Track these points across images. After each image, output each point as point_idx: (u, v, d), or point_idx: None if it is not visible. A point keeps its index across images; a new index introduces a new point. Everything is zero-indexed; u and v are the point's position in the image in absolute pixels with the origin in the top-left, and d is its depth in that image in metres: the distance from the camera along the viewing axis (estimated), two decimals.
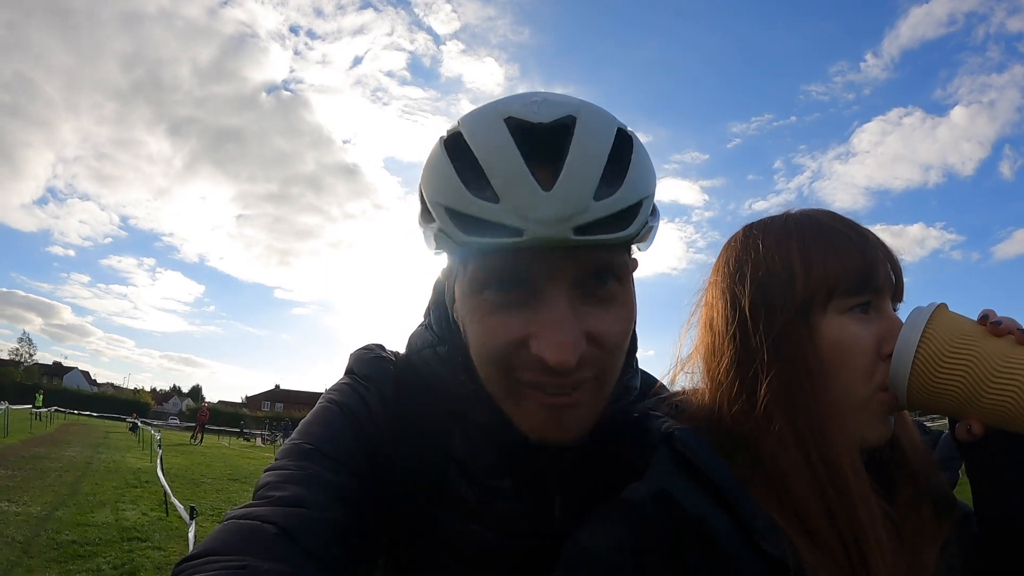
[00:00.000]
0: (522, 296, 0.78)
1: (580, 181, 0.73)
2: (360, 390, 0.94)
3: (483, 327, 0.81)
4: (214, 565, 0.64)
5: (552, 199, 0.72)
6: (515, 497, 0.91)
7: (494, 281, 0.79)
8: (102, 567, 6.52)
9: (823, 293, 0.80)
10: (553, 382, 0.78)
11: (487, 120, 0.78)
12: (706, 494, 0.73)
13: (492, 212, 0.73)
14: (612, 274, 0.80)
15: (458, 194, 0.75)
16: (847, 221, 0.86)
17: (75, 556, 6.78)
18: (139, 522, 8.94)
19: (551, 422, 0.82)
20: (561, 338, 0.75)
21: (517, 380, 0.81)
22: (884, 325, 0.81)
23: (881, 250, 0.83)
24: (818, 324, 0.80)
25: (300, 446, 0.85)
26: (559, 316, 0.76)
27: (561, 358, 0.74)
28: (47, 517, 8.58)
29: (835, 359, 0.79)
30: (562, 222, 0.72)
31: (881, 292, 0.82)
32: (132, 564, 6.70)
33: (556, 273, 0.76)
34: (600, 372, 0.82)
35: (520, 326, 0.78)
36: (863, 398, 0.79)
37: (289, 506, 0.74)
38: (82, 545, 7.26)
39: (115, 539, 7.76)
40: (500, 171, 0.74)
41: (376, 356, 1.00)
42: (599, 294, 0.80)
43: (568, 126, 0.75)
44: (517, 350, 0.79)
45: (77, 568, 6.38)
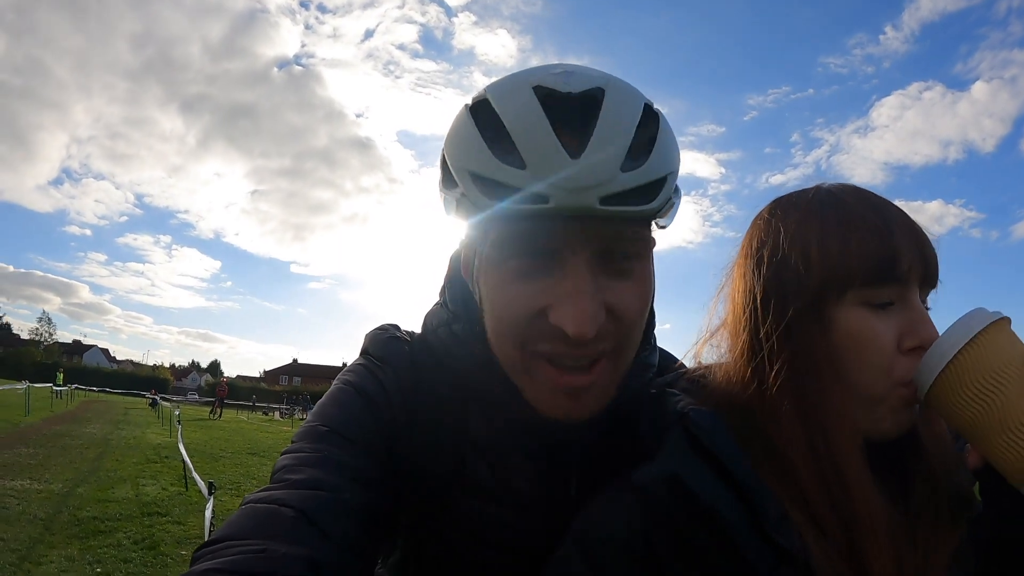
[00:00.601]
0: (543, 265, 0.78)
1: (608, 151, 0.73)
2: (375, 371, 0.94)
3: (502, 296, 0.80)
4: (232, 550, 0.64)
5: (579, 167, 0.71)
6: (531, 477, 0.91)
7: (516, 249, 0.78)
8: (123, 542, 6.60)
9: (839, 283, 0.77)
10: (569, 353, 0.78)
11: (515, 88, 0.77)
12: (718, 479, 0.71)
13: (518, 177, 0.73)
14: (633, 249, 0.80)
15: (484, 159, 0.75)
16: (875, 202, 0.81)
17: (96, 532, 6.87)
18: (159, 497, 9.05)
19: (563, 401, 0.81)
20: (581, 308, 0.74)
21: (532, 353, 0.80)
22: (907, 317, 0.77)
23: (908, 236, 0.78)
24: (833, 315, 0.78)
25: (316, 428, 0.85)
26: (580, 286, 0.75)
27: (580, 329, 0.74)
28: (68, 494, 8.69)
29: (850, 353, 0.77)
30: (588, 191, 0.71)
31: (906, 282, 0.77)
32: (152, 539, 6.79)
33: (578, 243, 0.76)
34: (617, 347, 0.81)
35: (540, 295, 0.77)
36: (880, 393, 0.77)
37: (306, 489, 0.74)
38: (103, 521, 7.36)
39: (135, 514, 7.86)
40: (527, 137, 0.73)
41: (391, 337, 1.00)
42: (619, 268, 0.79)
43: (596, 98, 0.75)
44: (535, 321, 0.78)
45: (98, 544, 6.46)
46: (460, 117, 0.82)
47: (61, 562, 5.75)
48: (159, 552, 6.34)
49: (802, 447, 0.75)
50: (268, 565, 0.63)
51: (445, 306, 0.98)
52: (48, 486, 9.06)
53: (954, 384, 0.71)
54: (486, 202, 0.75)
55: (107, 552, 6.20)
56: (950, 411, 0.73)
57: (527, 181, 0.72)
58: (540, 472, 0.91)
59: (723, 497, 0.70)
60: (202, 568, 0.62)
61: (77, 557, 5.94)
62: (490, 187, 0.75)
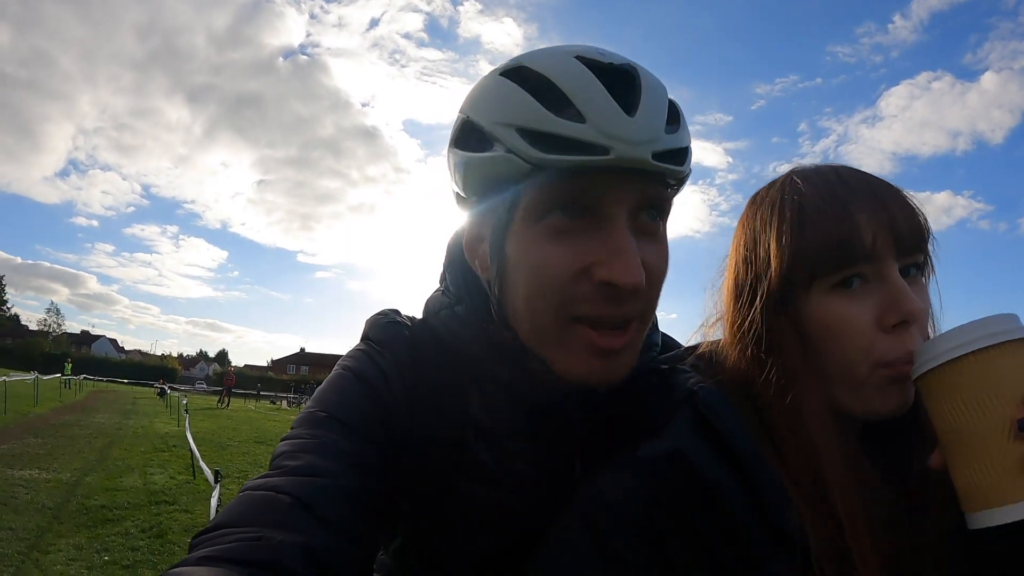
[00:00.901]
0: (582, 226, 0.78)
1: (655, 113, 0.77)
2: (375, 356, 0.93)
3: (542, 256, 0.79)
4: (229, 537, 0.64)
5: (637, 123, 0.74)
6: (533, 460, 0.91)
7: (558, 206, 0.78)
8: (131, 530, 6.66)
9: (802, 275, 0.77)
10: (610, 313, 0.78)
11: (556, 55, 0.80)
12: (723, 459, 0.72)
13: (578, 130, 0.74)
14: (661, 210, 0.82)
15: (535, 113, 0.76)
16: (833, 184, 0.80)
17: (104, 520, 6.94)
18: (167, 486, 9.12)
19: (599, 363, 0.81)
20: (630, 259, 0.75)
21: (568, 318, 0.80)
22: (884, 294, 0.76)
23: (871, 210, 0.77)
24: (803, 307, 0.78)
25: (315, 414, 0.85)
26: (627, 242, 0.76)
27: (633, 279, 0.75)
28: (77, 483, 8.76)
29: (826, 340, 0.77)
30: (644, 145, 0.74)
31: (875, 258, 0.76)
32: (160, 527, 6.85)
33: (622, 200, 0.77)
34: (646, 308, 0.83)
35: (582, 255, 0.78)
36: (863, 375, 0.76)
37: (304, 475, 0.74)
38: (111, 509, 7.43)
39: (143, 503, 7.93)
40: (584, 95, 0.75)
41: (391, 321, 0.99)
42: (648, 228, 0.81)
43: (632, 71, 0.79)
44: (576, 281, 0.78)
45: (106, 532, 6.52)
46: (492, 80, 0.83)
47: (69, 551, 5.80)
48: (167, 540, 6.39)
49: (785, 434, 0.76)
50: (264, 552, 0.62)
51: (446, 291, 0.98)
52: (56, 475, 9.14)
53: (950, 383, 0.67)
54: (539, 156, 0.75)
55: (115, 540, 6.26)
56: (935, 406, 0.69)
57: (588, 134, 0.73)
58: (542, 455, 0.91)
59: (725, 476, 0.70)
60: (198, 555, 0.62)
61: (85, 545, 6.00)
62: (544, 141, 0.75)
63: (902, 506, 0.77)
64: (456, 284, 0.96)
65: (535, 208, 0.79)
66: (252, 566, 0.60)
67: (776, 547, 0.69)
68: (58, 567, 5.35)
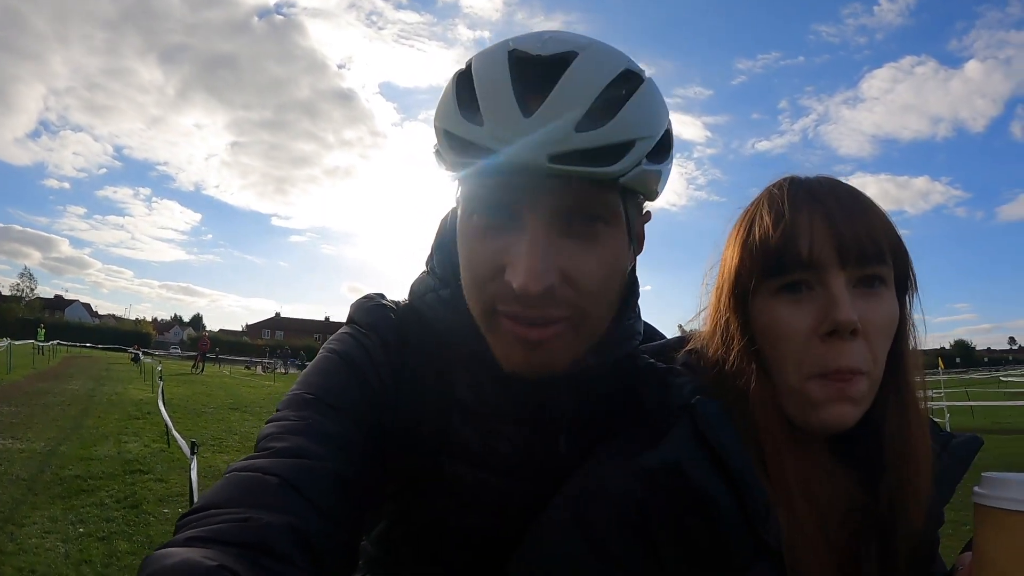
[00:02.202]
0: (504, 223, 0.79)
1: (562, 111, 0.73)
2: (361, 339, 0.93)
3: (469, 252, 0.83)
4: (216, 518, 0.65)
5: (530, 125, 0.73)
6: (518, 441, 0.92)
7: (479, 205, 0.81)
8: (105, 501, 6.67)
9: (744, 279, 0.80)
10: (523, 314, 0.79)
11: (493, 52, 0.80)
12: (717, 471, 0.73)
13: (476, 134, 0.76)
14: (597, 213, 0.79)
15: (453, 117, 0.79)
16: (784, 192, 0.81)
17: (79, 491, 6.93)
18: (141, 454, 9.10)
19: (523, 355, 0.82)
20: (529, 265, 0.75)
21: (493, 309, 0.82)
22: (822, 303, 0.76)
23: (815, 218, 0.77)
24: (752, 309, 0.80)
25: (301, 396, 0.85)
26: (532, 244, 0.76)
27: (526, 284, 0.74)
28: (51, 453, 8.74)
29: (768, 345, 0.79)
30: (537, 148, 0.73)
31: (815, 266, 0.76)
32: (135, 497, 6.85)
33: (536, 202, 0.77)
34: (577, 315, 0.81)
35: (499, 253, 0.79)
36: (795, 384, 0.77)
37: (290, 457, 0.74)
38: (85, 480, 7.41)
39: (118, 472, 7.91)
40: (489, 97, 0.76)
41: (377, 304, 0.99)
42: (582, 232, 0.79)
43: (567, 60, 0.76)
44: (494, 278, 0.80)
45: (81, 503, 6.52)
46: (449, 81, 0.84)
47: (44, 523, 5.80)
48: (142, 511, 6.40)
49: (745, 431, 0.77)
50: (251, 534, 0.63)
51: (432, 273, 0.98)
52: (31, 445, 9.12)
53: (1012, 531, 0.65)
54: (453, 158, 0.79)
55: (90, 512, 6.26)
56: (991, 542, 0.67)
57: (483, 137, 0.75)
58: (526, 437, 0.92)
59: (719, 488, 0.72)
60: (185, 536, 0.62)
61: (60, 517, 6.00)
62: (456, 144, 0.78)
63: (868, 513, 0.80)
64: (442, 267, 0.96)
65: (466, 205, 0.83)
66: (239, 547, 0.61)
67: (757, 557, 0.72)
68: (33, 540, 5.35)
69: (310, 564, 0.65)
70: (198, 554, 0.58)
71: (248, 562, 0.59)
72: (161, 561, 0.56)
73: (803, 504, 0.75)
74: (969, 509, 0.68)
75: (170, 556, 0.57)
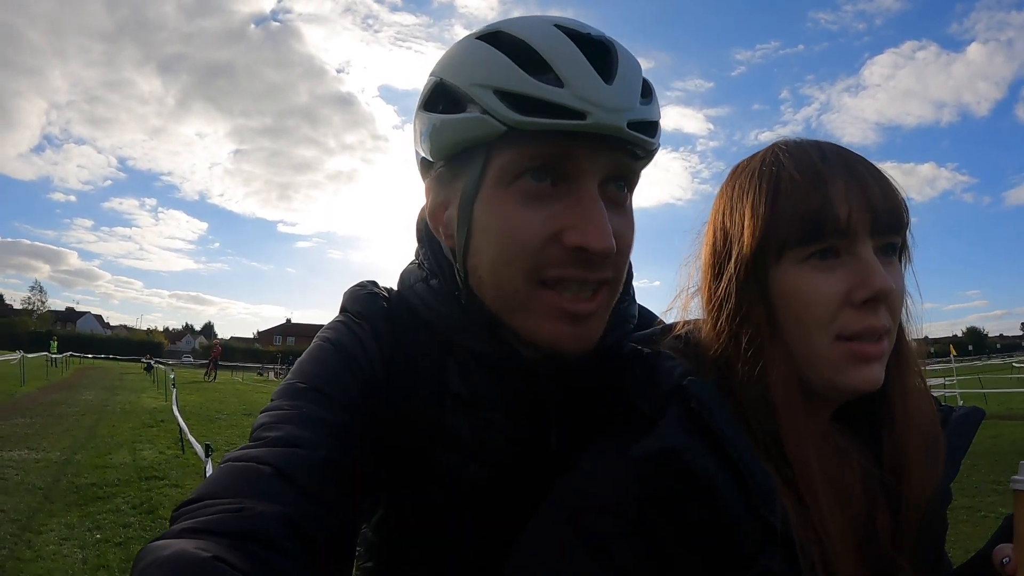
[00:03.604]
0: (553, 191, 0.80)
1: (631, 83, 0.79)
2: (354, 328, 0.93)
3: (512, 221, 0.81)
4: (211, 508, 0.65)
5: (614, 90, 0.77)
6: (510, 433, 0.91)
7: (531, 170, 0.79)
8: (121, 507, 6.71)
9: (773, 245, 0.77)
10: (582, 277, 0.80)
11: (536, 22, 0.81)
12: (715, 455, 0.70)
13: (556, 95, 0.75)
14: (630, 181, 0.85)
15: (513, 76, 0.77)
16: (810, 159, 0.79)
17: (95, 498, 6.99)
18: (156, 461, 9.17)
19: (568, 328, 0.82)
20: (601, 224, 0.77)
21: (537, 282, 0.81)
22: (856, 270, 0.75)
23: (849, 186, 0.76)
24: (772, 277, 0.77)
25: (294, 385, 0.85)
26: (598, 207, 0.78)
27: (606, 243, 0.77)
28: (66, 462, 8.81)
29: (788, 311, 0.77)
30: (620, 113, 0.76)
31: (849, 234, 0.75)
32: (151, 502, 6.90)
33: (595, 166, 0.79)
34: (615, 275, 0.85)
35: (553, 219, 0.79)
36: (823, 350, 0.75)
37: (283, 446, 0.74)
38: (101, 487, 7.47)
39: (133, 479, 7.97)
40: (563, 60, 0.77)
41: (369, 293, 0.99)
42: (617, 198, 0.83)
43: (610, 43, 0.81)
44: (546, 246, 0.79)
45: (97, 510, 6.57)
46: (469, 44, 0.83)
47: (61, 530, 5.86)
48: (157, 516, 6.44)
49: (755, 408, 0.76)
50: (245, 523, 0.63)
51: (421, 264, 0.98)
52: (46, 455, 9.18)
53: None
54: (516, 118, 0.76)
55: (106, 518, 6.31)
56: None
57: (566, 98, 0.75)
58: (519, 428, 0.91)
59: (718, 473, 0.69)
60: (180, 527, 0.63)
61: (77, 524, 6.06)
62: (521, 103, 0.76)
63: (876, 483, 0.79)
64: (429, 258, 0.96)
65: (507, 171, 0.80)
66: (233, 536, 0.61)
67: (766, 540, 0.68)
68: (51, 547, 5.40)
69: (304, 552, 0.65)
70: (192, 545, 0.58)
71: (241, 552, 0.60)
72: (156, 553, 0.57)
73: (822, 480, 0.73)
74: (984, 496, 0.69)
75: (164, 548, 0.58)
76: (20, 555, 5.18)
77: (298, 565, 0.64)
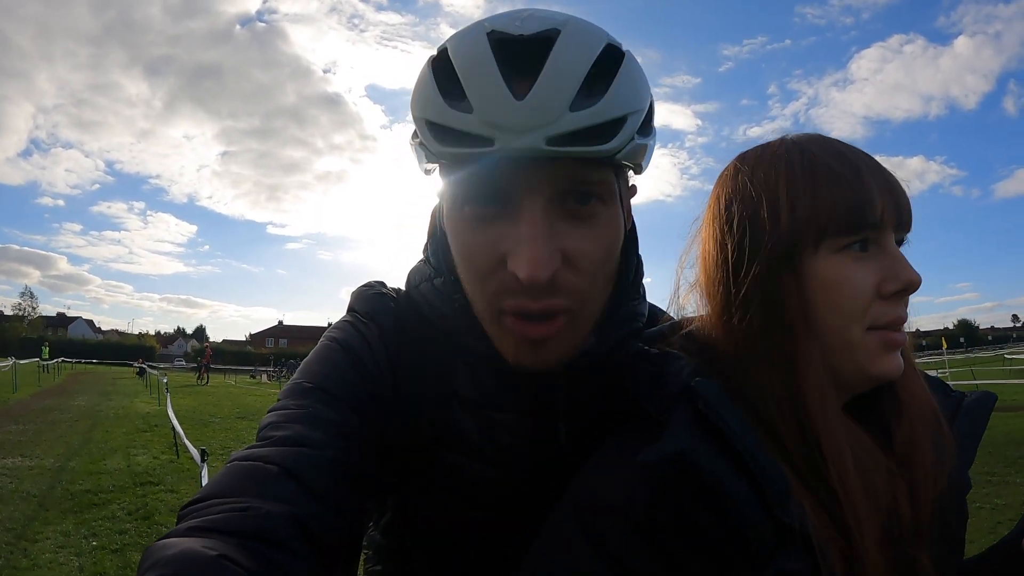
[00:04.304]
0: (499, 211, 0.78)
1: (555, 91, 0.71)
2: (361, 327, 0.93)
3: (462, 245, 0.81)
4: (217, 508, 0.65)
5: (524, 108, 0.71)
6: (518, 432, 0.91)
7: (471, 195, 0.78)
8: (117, 513, 6.67)
9: (812, 233, 0.76)
10: (529, 306, 0.78)
11: (471, 35, 0.77)
12: (725, 457, 0.69)
13: (465, 122, 0.73)
14: (593, 192, 0.78)
15: (436, 106, 0.75)
16: (842, 150, 0.80)
17: (90, 505, 6.94)
18: (151, 466, 9.11)
19: (528, 352, 0.82)
20: (534, 253, 0.74)
21: (497, 307, 0.81)
22: (885, 263, 0.76)
23: (879, 181, 0.77)
24: (807, 266, 0.77)
25: (301, 385, 0.85)
26: (533, 231, 0.75)
27: (533, 273, 0.73)
28: (61, 469, 8.75)
29: (825, 302, 0.76)
30: (534, 131, 0.71)
31: (880, 227, 0.76)
32: (146, 508, 6.85)
33: (532, 187, 0.75)
34: (578, 302, 0.80)
35: (498, 243, 0.77)
36: (856, 339, 0.76)
37: (290, 445, 0.74)
38: (96, 493, 7.41)
39: (128, 485, 7.92)
40: (475, 82, 0.73)
41: (376, 293, 0.99)
42: (579, 213, 0.78)
43: (551, 39, 0.74)
44: (495, 271, 0.78)
45: (93, 516, 6.53)
46: (423, 68, 0.81)
47: (57, 538, 5.81)
48: (153, 522, 6.40)
49: (780, 402, 0.75)
50: (252, 522, 0.63)
51: (427, 261, 0.97)
52: (40, 462, 9.12)
53: None
54: (439, 148, 0.75)
55: (102, 525, 6.27)
56: None
57: (474, 125, 0.72)
58: (526, 427, 0.90)
59: (728, 475, 0.68)
60: (186, 526, 0.63)
61: (72, 531, 6.01)
62: (442, 133, 0.75)
63: (890, 477, 0.78)
64: (436, 256, 0.94)
65: (455, 195, 0.80)
66: (240, 536, 0.61)
67: (780, 542, 0.67)
68: (47, 555, 5.36)
69: (310, 552, 0.65)
70: (198, 544, 0.58)
71: (248, 551, 0.60)
72: (162, 551, 0.57)
73: (856, 475, 0.73)
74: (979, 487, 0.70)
75: (170, 546, 0.58)
76: (16, 564, 5.14)
77: (305, 565, 0.64)
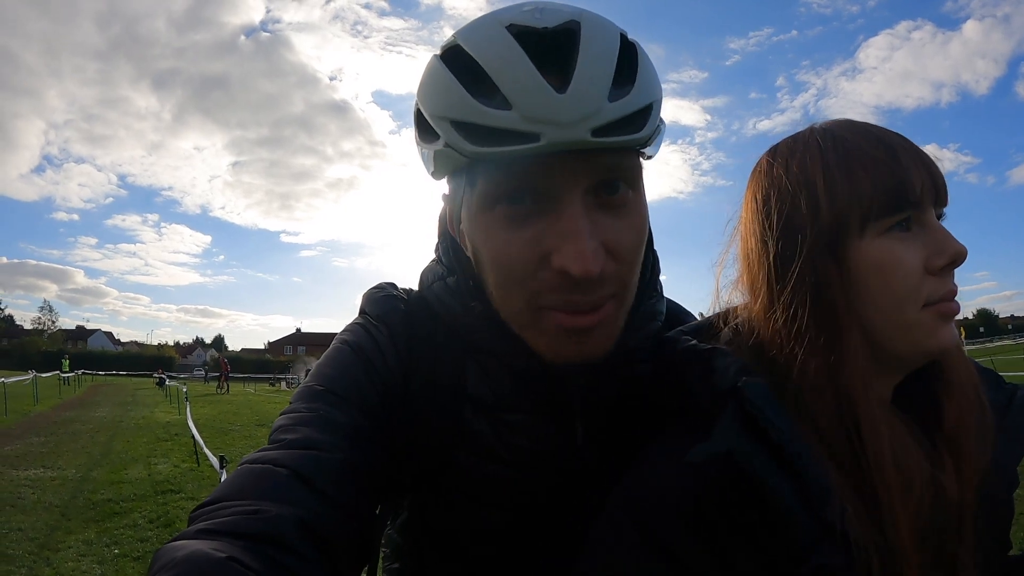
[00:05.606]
0: (536, 208, 0.76)
1: (593, 82, 0.71)
2: (371, 330, 0.92)
3: (497, 246, 0.79)
4: (227, 510, 0.65)
5: (568, 101, 0.69)
6: (533, 433, 0.90)
7: (506, 194, 0.76)
8: (138, 522, 6.70)
9: (855, 219, 0.76)
10: (576, 300, 0.77)
11: (487, 29, 0.75)
12: (771, 456, 0.70)
13: (505, 119, 0.70)
14: (625, 180, 0.78)
15: (464, 104, 0.73)
16: (873, 132, 0.80)
17: (112, 514, 6.97)
18: (171, 475, 9.16)
19: (572, 344, 0.80)
20: (583, 247, 0.73)
21: (537, 305, 0.79)
22: (930, 239, 0.76)
23: (914, 158, 0.77)
24: (853, 251, 0.76)
25: (312, 388, 0.84)
26: (578, 225, 0.73)
27: (585, 268, 0.72)
28: (82, 479, 8.81)
29: (874, 285, 0.76)
30: (579, 124, 0.70)
31: (921, 205, 0.76)
32: (167, 516, 6.88)
33: (571, 180, 0.74)
34: (620, 288, 0.80)
35: (537, 240, 0.76)
36: (912, 318, 0.76)
37: (301, 448, 0.74)
38: (118, 503, 7.45)
39: (149, 493, 7.96)
40: (509, 77, 0.71)
41: (387, 295, 0.98)
42: (613, 202, 0.77)
43: (573, 31, 0.73)
44: (537, 270, 0.77)
45: (114, 525, 6.56)
46: (431, 66, 0.79)
47: (79, 547, 5.84)
48: (175, 529, 6.39)
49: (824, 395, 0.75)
50: (261, 525, 0.63)
51: (439, 261, 0.96)
52: (62, 472, 9.19)
53: None
54: (472, 149, 0.73)
55: (124, 533, 6.30)
56: None
57: (515, 122, 0.70)
58: (542, 427, 0.90)
59: (774, 475, 0.69)
60: (196, 528, 0.63)
61: (95, 540, 6.04)
62: (475, 133, 0.72)
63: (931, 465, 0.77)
64: (447, 255, 0.94)
65: (486, 197, 0.78)
66: (249, 538, 0.61)
67: (822, 538, 0.68)
68: (69, 564, 5.39)
69: (320, 555, 0.65)
70: (208, 546, 0.58)
71: (257, 554, 0.60)
72: (171, 553, 0.57)
73: (894, 472, 0.72)
74: None
75: (180, 548, 0.57)
76: (40, 573, 5.17)
77: (313, 568, 0.63)
